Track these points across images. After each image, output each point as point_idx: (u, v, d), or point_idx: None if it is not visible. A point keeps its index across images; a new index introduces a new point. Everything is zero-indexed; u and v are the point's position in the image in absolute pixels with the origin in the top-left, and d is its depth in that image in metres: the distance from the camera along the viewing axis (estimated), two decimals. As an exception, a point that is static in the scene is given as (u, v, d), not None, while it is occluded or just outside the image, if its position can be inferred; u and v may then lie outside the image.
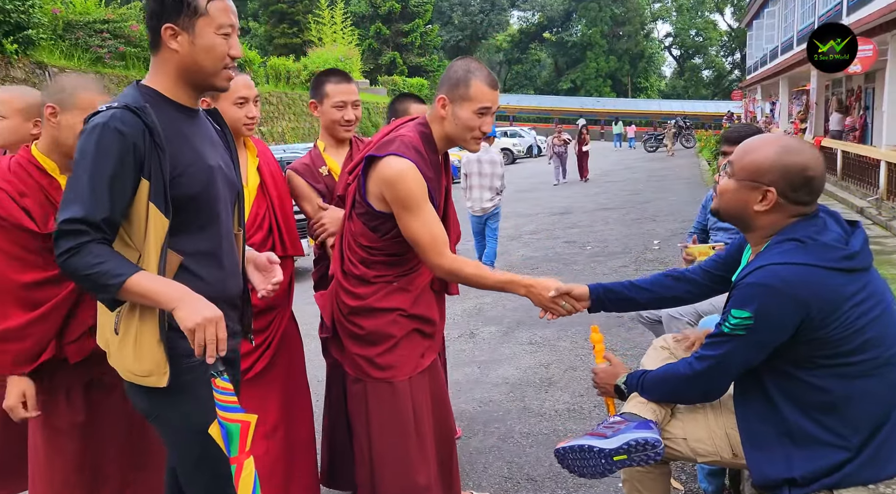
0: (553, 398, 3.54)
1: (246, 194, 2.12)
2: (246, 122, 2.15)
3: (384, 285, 2.00)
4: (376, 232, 1.97)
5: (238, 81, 2.07)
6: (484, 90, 1.90)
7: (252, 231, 2.13)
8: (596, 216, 10.49)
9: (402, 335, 2.00)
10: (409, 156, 1.88)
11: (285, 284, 2.21)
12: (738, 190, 1.62)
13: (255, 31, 40.40)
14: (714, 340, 1.62)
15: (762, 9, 26.88)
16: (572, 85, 51.62)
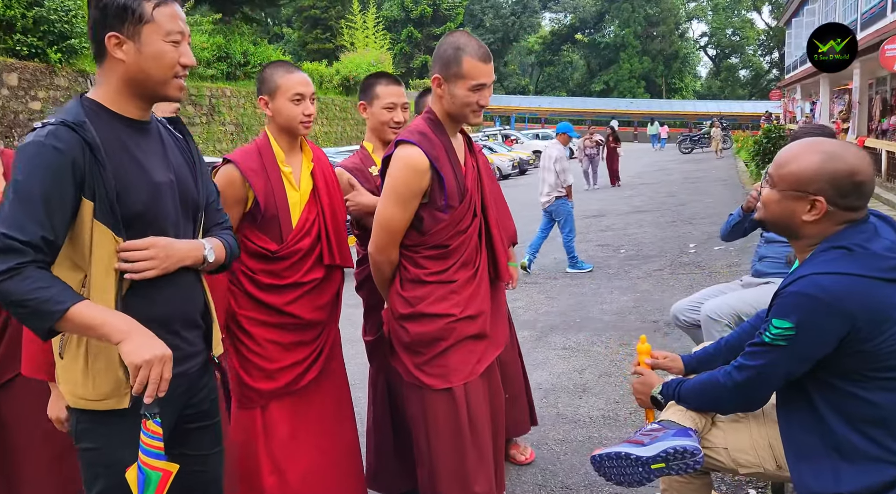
0: (588, 405, 3.49)
1: (298, 198, 2.14)
2: (302, 119, 2.11)
3: (437, 287, 1.98)
4: (414, 229, 1.98)
5: (294, 77, 2.08)
6: (477, 66, 1.88)
7: (300, 236, 2.12)
8: (630, 219, 10.35)
9: (454, 342, 1.98)
10: (413, 139, 1.91)
11: (332, 295, 2.22)
12: (781, 201, 1.57)
13: (288, 37, 41.02)
14: (754, 349, 1.57)
15: (802, 6, 26.22)
16: (605, 86, 51.11)
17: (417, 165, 1.90)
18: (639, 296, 5.72)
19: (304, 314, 2.12)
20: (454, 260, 2.01)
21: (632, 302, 5.54)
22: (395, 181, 1.91)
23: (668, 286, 5.97)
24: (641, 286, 6.07)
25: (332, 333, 2.26)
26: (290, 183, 2.13)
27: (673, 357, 1.98)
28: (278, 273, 2.09)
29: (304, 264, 2.12)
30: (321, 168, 2.24)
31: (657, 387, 1.84)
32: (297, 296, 2.11)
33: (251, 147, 2.15)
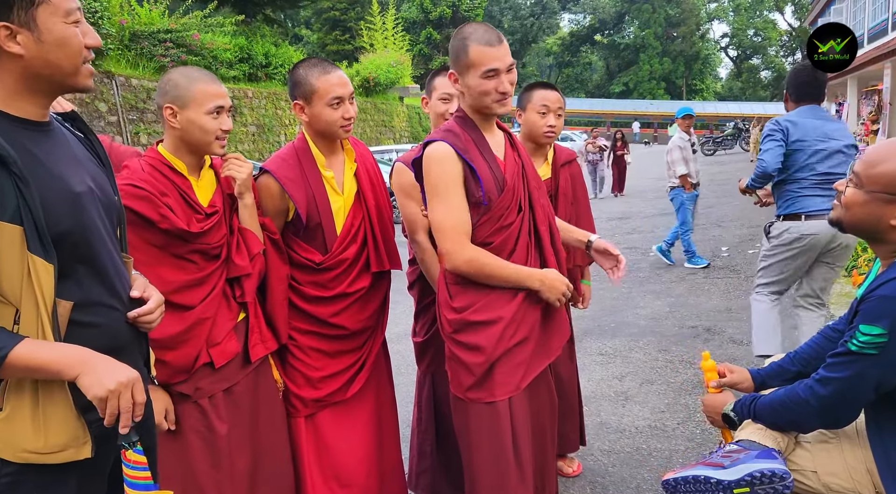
0: (632, 414, 3.36)
1: (342, 203, 2.04)
2: (343, 123, 1.97)
3: (484, 290, 1.86)
4: None
5: (331, 78, 1.95)
6: (483, 51, 1.78)
7: (346, 244, 2.01)
8: (657, 222, 10.16)
9: (503, 352, 1.86)
10: (437, 137, 1.83)
11: (378, 303, 2.13)
12: (869, 203, 1.46)
13: (307, 39, 41.18)
14: (839, 359, 1.45)
15: (828, 6, 25.77)
16: (624, 88, 50.72)
17: (443, 157, 1.81)
18: (673, 301, 5.57)
19: (350, 324, 2.03)
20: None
21: (667, 307, 5.39)
22: (429, 178, 1.83)
23: (704, 291, 5.80)
24: (676, 291, 5.91)
25: (377, 340, 2.16)
26: (333, 188, 2.02)
27: (740, 371, 1.85)
28: (324, 284, 2.00)
29: (351, 273, 2.03)
30: (365, 167, 2.12)
31: (729, 404, 1.71)
32: (344, 307, 2.02)
33: (288, 152, 2.03)
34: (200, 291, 1.74)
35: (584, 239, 2.23)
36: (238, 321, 1.85)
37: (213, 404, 1.78)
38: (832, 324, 1.79)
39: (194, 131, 1.73)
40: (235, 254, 1.81)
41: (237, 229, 1.84)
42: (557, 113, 2.55)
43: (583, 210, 2.78)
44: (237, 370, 1.83)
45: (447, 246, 1.82)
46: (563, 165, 2.73)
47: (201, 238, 1.74)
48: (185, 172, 1.77)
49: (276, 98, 17.08)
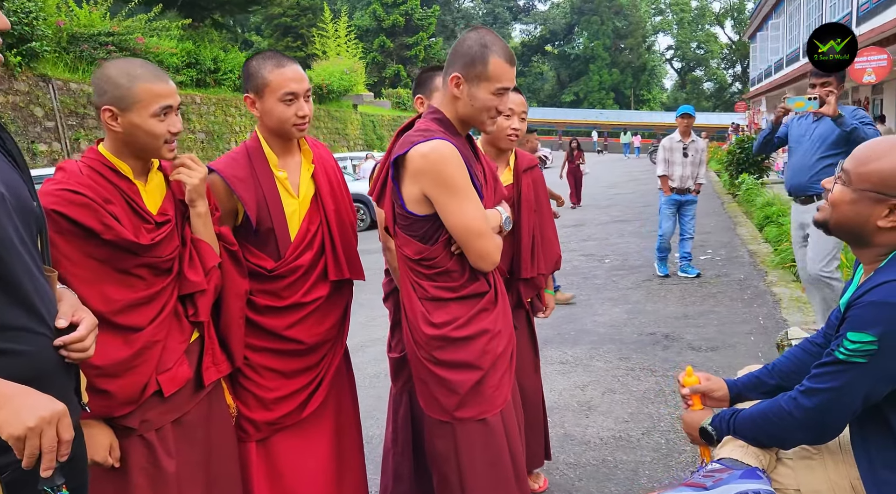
0: (596, 425, 3.30)
1: (296, 206, 1.89)
2: (296, 122, 1.82)
3: (464, 304, 1.76)
4: (426, 241, 1.76)
5: (286, 72, 1.80)
6: (504, 68, 1.71)
7: (300, 250, 1.87)
8: (610, 229, 10.27)
9: (490, 364, 1.76)
10: (438, 136, 1.70)
11: (338, 314, 1.98)
12: (856, 202, 1.41)
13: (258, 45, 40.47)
14: (825, 369, 1.40)
15: (765, 21, 26.88)
16: (575, 97, 51.72)
17: (455, 155, 1.68)
18: (631, 308, 5.59)
19: (306, 337, 1.88)
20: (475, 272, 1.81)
21: (625, 314, 5.40)
22: (446, 177, 1.65)
23: (661, 297, 5.85)
24: (632, 297, 5.94)
25: (337, 354, 2.01)
26: (287, 190, 1.88)
27: (716, 380, 1.77)
28: (277, 293, 1.85)
29: (306, 281, 1.88)
30: (324, 169, 1.98)
31: (707, 418, 1.65)
32: (300, 318, 1.87)
33: (239, 152, 1.89)
34: (149, 310, 1.57)
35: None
36: (190, 343, 1.68)
37: (160, 437, 1.59)
38: (811, 337, 1.75)
39: (139, 136, 1.55)
40: (188, 268, 1.64)
41: (190, 241, 1.67)
42: (521, 116, 2.48)
43: (546, 218, 2.72)
44: (188, 397, 1.66)
45: (490, 247, 1.72)
46: (525, 170, 2.66)
47: (151, 251, 1.56)
48: (130, 175, 1.59)
49: (226, 104, 16.65)
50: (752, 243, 7.95)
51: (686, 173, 6.43)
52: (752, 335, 4.55)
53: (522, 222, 2.55)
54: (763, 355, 4.10)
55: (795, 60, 20.79)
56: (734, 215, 10.63)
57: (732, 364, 3.99)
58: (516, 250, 2.55)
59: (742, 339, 4.48)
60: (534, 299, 2.69)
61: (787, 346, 2.82)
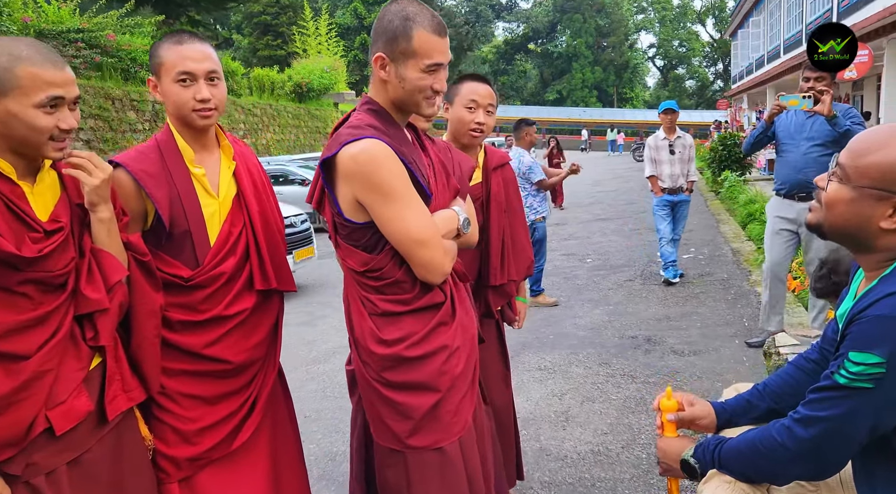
0: (573, 438, 3.12)
1: (216, 207, 1.67)
2: (196, 106, 1.60)
3: (420, 318, 1.56)
4: (370, 250, 1.56)
5: (183, 50, 1.58)
6: (431, 41, 1.50)
7: (221, 256, 1.65)
8: (592, 227, 10.13)
9: (448, 386, 1.56)
10: (368, 134, 1.49)
11: (268, 328, 1.76)
12: (856, 201, 1.22)
13: (238, 44, 39.97)
14: (823, 395, 1.21)
15: (746, 19, 26.96)
16: (558, 96, 51.72)
17: (390, 155, 1.48)
18: (612, 309, 5.43)
19: (231, 356, 1.65)
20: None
21: (605, 316, 5.23)
22: (381, 180, 1.45)
23: (642, 298, 5.69)
24: (613, 298, 5.77)
25: (269, 374, 1.78)
26: (205, 189, 1.66)
27: (702, 404, 1.58)
28: (195, 306, 1.62)
29: (229, 291, 1.66)
30: (246, 167, 1.77)
31: (689, 449, 1.45)
32: (222, 334, 1.64)
33: (148, 145, 1.65)
34: (38, 334, 1.34)
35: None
36: (90, 370, 1.45)
37: (52, 482, 1.35)
38: (804, 353, 1.57)
39: (17, 128, 1.32)
40: (86, 284, 1.41)
41: (89, 251, 1.45)
42: (487, 109, 2.28)
43: (517, 218, 2.52)
44: (88, 433, 1.42)
45: (437, 256, 1.52)
46: (495, 168, 2.46)
47: (38, 264, 1.33)
48: (13, 175, 1.36)
49: (202, 103, 16.26)
50: (736, 242, 7.84)
51: (675, 171, 6.06)
52: (737, 337, 4.40)
53: (492, 225, 2.36)
54: (748, 359, 3.94)
55: (776, 57, 20.85)
56: (717, 212, 10.53)
57: (716, 370, 3.83)
58: (485, 255, 2.36)
59: (726, 342, 4.33)
60: (504, 307, 2.50)
61: (773, 353, 2.66)
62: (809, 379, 1.50)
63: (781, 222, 3.93)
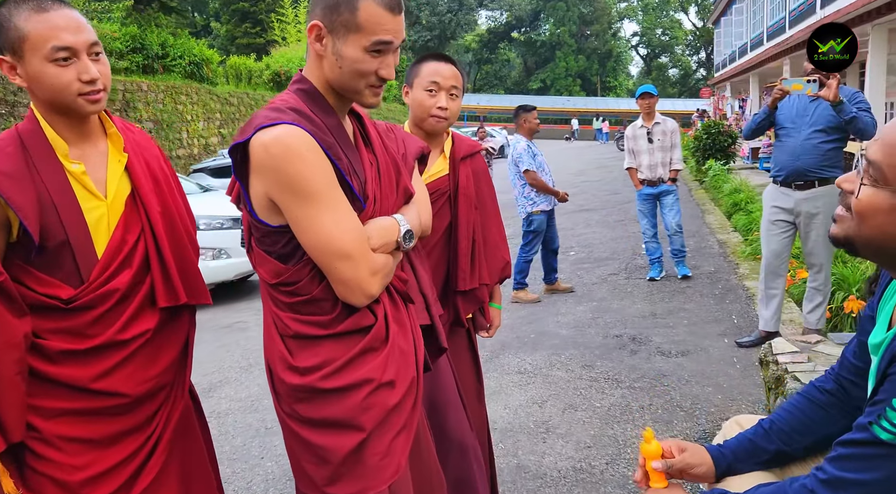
0: (554, 452, 2.88)
1: (104, 210, 1.39)
2: (83, 90, 1.33)
3: (340, 343, 1.29)
4: (285, 260, 1.28)
5: (52, 18, 1.28)
6: (380, 14, 1.23)
7: (113, 270, 1.37)
8: (577, 218, 9.90)
9: (376, 424, 1.29)
10: (287, 119, 1.21)
11: (176, 352, 1.49)
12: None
13: (217, 31, 39.15)
14: (857, 451, 0.96)
15: (729, 6, 26.83)
16: (542, 84, 51.42)
17: (309, 146, 1.20)
18: (596, 305, 5.20)
19: (128, 388, 1.38)
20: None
21: (590, 313, 5.01)
22: (294, 175, 1.18)
23: (626, 294, 5.47)
24: (597, 294, 5.55)
25: (177, 405, 1.50)
26: (87, 189, 1.38)
27: (694, 450, 1.30)
28: (80, 332, 1.34)
29: (124, 311, 1.38)
30: (143, 160, 1.48)
31: None
32: (116, 363, 1.37)
33: (6, 138, 1.35)
34: None
35: None
36: None
37: None
38: (817, 381, 1.32)
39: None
40: None
41: None
42: (451, 92, 2.00)
43: (490, 214, 2.25)
44: None
45: (361, 273, 1.24)
46: (464, 158, 2.18)
47: None
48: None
49: (176, 92, 15.83)
50: (722, 233, 7.65)
51: (655, 161, 5.64)
52: (726, 336, 4.19)
53: (460, 222, 2.09)
54: (738, 360, 3.73)
55: (759, 45, 20.73)
56: (702, 202, 10.36)
57: (706, 372, 3.61)
58: (453, 257, 2.09)
59: (715, 341, 4.12)
60: (476, 314, 2.24)
61: (770, 362, 2.43)
62: (824, 414, 1.26)
63: (777, 212, 3.72)
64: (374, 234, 1.30)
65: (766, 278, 3.82)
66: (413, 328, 1.44)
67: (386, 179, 1.41)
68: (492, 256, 2.21)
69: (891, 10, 9.23)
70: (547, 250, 5.78)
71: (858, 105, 3.43)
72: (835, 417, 1.26)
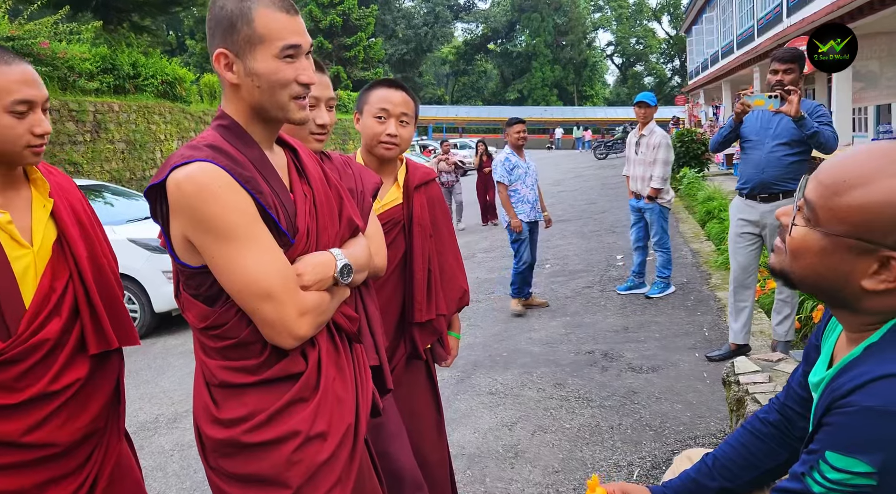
0: (521, 478, 2.83)
1: (30, 259, 1.35)
2: (32, 141, 1.34)
3: (268, 392, 1.23)
4: (211, 302, 1.23)
5: (13, 71, 1.30)
6: (279, 19, 1.19)
7: (41, 320, 1.33)
8: (552, 230, 9.88)
9: (304, 479, 1.22)
10: (201, 156, 1.16)
11: (106, 396, 1.43)
12: (829, 252, 0.93)
13: (192, 49, 38.93)
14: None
15: (700, 15, 27.30)
16: (519, 95, 51.83)
17: (223, 184, 1.15)
18: (569, 320, 5.18)
19: (60, 438, 1.34)
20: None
21: (562, 328, 4.98)
22: (209, 215, 1.14)
23: (600, 307, 5.46)
24: (571, 308, 5.53)
25: (112, 447, 1.46)
26: (12, 238, 1.34)
27: (638, 492, 1.25)
28: (9, 386, 1.29)
29: (54, 361, 1.34)
30: (68, 203, 1.45)
31: None
32: (47, 415, 1.32)
33: None
34: None
35: None
36: None
37: None
38: (761, 412, 1.29)
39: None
40: None
41: None
42: (401, 120, 1.98)
43: (446, 244, 2.21)
44: None
45: (286, 314, 1.18)
46: (417, 187, 2.14)
47: None
48: None
49: (148, 111, 15.70)
50: (695, 242, 7.69)
51: (637, 173, 5.49)
52: (696, 349, 4.18)
53: (415, 252, 2.05)
54: (708, 375, 3.72)
55: (730, 53, 21.08)
56: (676, 210, 10.43)
57: (675, 388, 3.59)
58: (408, 288, 2.04)
59: (685, 355, 4.10)
60: (434, 345, 2.19)
61: (732, 382, 2.41)
62: (767, 448, 1.23)
63: (744, 225, 3.74)
64: (307, 270, 1.25)
65: (734, 290, 3.82)
66: (358, 371, 1.38)
67: (325, 211, 1.35)
68: (449, 285, 2.16)
69: (853, 19, 9.42)
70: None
71: (820, 119, 3.45)
72: (776, 450, 1.23)
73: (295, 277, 1.22)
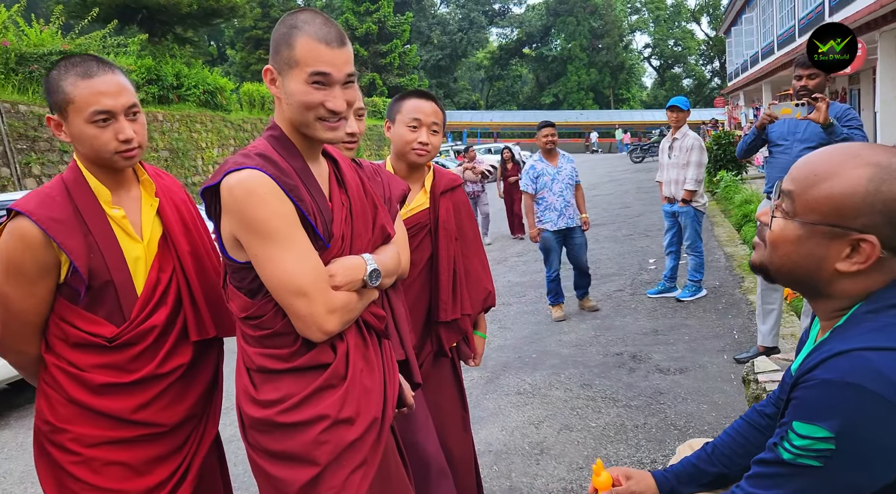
0: (546, 473, 2.90)
1: (141, 251, 1.52)
2: (120, 148, 1.46)
3: (299, 379, 1.35)
4: (252, 295, 1.36)
5: (95, 84, 1.43)
6: (315, 48, 1.30)
7: (151, 307, 1.49)
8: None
9: (330, 458, 1.34)
10: (251, 164, 1.30)
11: (205, 383, 1.59)
12: (805, 240, 1.02)
13: (232, 59, 40.00)
14: (767, 470, 1.01)
15: (739, 15, 26.79)
16: (555, 99, 51.58)
17: (268, 191, 1.28)
18: (599, 323, 5.21)
19: (164, 418, 1.49)
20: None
21: (592, 331, 5.02)
22: (253, 218, 1.27)
23: (630, 310, 5.48)
24: (601, 311, 5.56)
25: (207, 435, 1.61)
26: (127, 232, 1.50)
27: (640, 477, 1.35)
28: (122, 366, 1.46)
29: (162, 346, 1.50)
30: (173, 203, 1.61)
31: None
32: (154, 396, 1.48)
33: (54, 187, 1.48)
34: None
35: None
36: None
37: None
38: (759, 405, 1.36)
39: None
40: None
41: None
42: (432, 129, 2.10)
43: (471, 247, 2.30)
44: None
45: (317, 311, 1.30)
46: (444, 192, 2.25)
47: None
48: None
49: (191, 120, 16.21)
50: (729, 246, 7.62)
51: (671, 177, 5.48)
52: (725, 352, 4.18)
53: (440, 254, 2.16)
54: (735, 377, 3.72)
55: (770, 54, 20.65)
56: (712, 214, 10.31)
57: (702, 390, 3.61)
58: (434, 288, 2.15)
59: (714, 357, 4.11)
60: (460, 343, 2.29)
61: (752, 381, 2.45)
62: (762, 438, 1.29)
63: None
64: (339, 272, 1.37)
65: (762, 293, 3.82)
66: (386, 365, 1.50)
67: (360, 220, 1.47)
68: (474, 286, 2.26)
69: None
70: (574, 269, 5.71)
71: (850, 123, 3.43)
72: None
73: (327, 277, 1.34)
